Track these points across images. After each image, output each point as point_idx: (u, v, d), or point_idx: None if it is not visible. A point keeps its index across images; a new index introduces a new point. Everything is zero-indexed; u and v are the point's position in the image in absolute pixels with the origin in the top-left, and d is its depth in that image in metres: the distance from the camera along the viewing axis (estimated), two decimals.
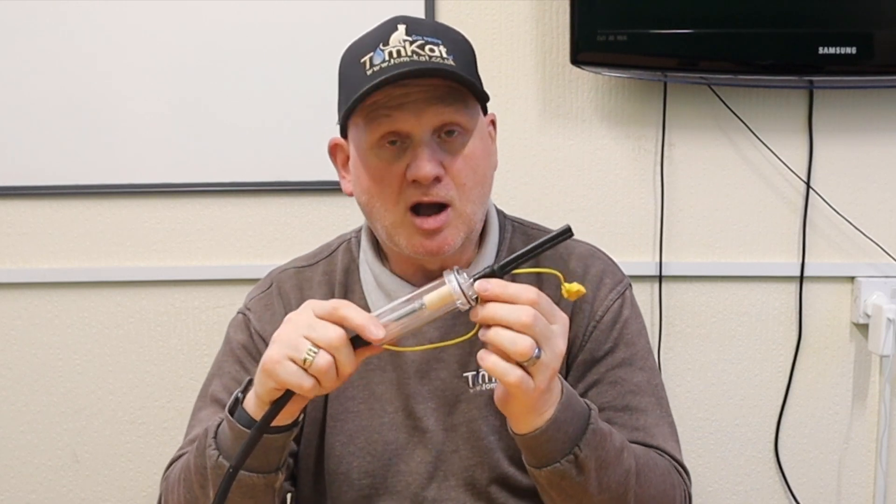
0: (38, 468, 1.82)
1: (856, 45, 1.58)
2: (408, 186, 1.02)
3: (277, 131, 1.71)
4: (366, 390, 1.13)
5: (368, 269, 1.14)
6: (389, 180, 1.02)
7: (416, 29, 1.00)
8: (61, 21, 1.69)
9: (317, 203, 1.75)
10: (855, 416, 1.81)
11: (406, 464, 1.12)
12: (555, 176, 1.75)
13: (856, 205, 1.75)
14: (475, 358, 1.09)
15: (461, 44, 1.05)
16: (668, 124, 1.73)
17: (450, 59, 0.99)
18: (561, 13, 1.69)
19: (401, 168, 1.02)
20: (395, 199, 1.03)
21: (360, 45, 1.04)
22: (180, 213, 1.75)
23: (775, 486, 1.83)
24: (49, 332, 1.78)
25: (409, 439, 1.12)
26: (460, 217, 1.04)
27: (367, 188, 1.05)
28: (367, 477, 1.13)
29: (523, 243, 1.16)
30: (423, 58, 0.98)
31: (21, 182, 1.73)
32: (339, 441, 1.13)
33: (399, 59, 0.98)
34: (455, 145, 1.03)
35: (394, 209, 1.03)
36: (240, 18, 1.69)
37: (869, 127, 1.74)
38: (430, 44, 0.99)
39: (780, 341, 1.79)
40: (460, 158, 1.03)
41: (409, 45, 0.99)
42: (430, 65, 0.98)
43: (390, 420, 1.13)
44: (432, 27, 1.03)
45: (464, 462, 1.12)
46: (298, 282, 1.17)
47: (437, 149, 1.02)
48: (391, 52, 0.98)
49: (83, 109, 1.71)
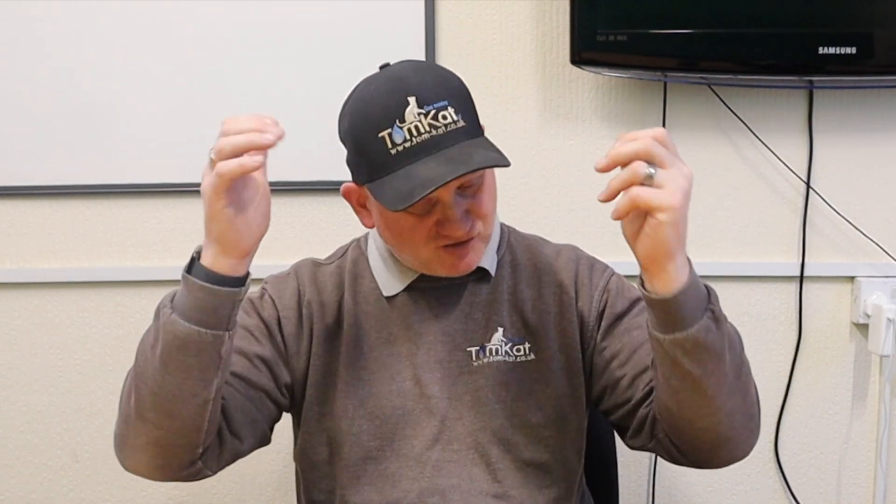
0: (38, 468, 1.82)
1: (856, 45, 1.58)
2: (438, 233, 1.12)
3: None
4: (377, 361, 1.21)
5: (378, 256, 1.24)
6: (419, 234, 1.13)
7: (425, 97, 1.07)
8: (61, 21, 1.69)
9: (317, 203, 1.75)
10: (855, 416, 1.81)
11: (412, 428, 1.20)
12: (555, 176, 1.75)
13: (856, 205, 1.75)
14: (478, 334, 1.21)
15: (459, 90, 1.12)
16: (668, 124, 1.73)
17: (460, 120, 1.08)
18: (561, 13, 1.69)
19: (429, 223, 1.12)
20: (425, 242, 1.14)
21: (373, 115, 1.09)
22: (180, 213, 1.75)
23: (775, 486, 1.83)
24: (49, 332, 1.79)
25: (415, 405, 1.20)
26: (483, 240, 1.17)
27: (393, 237, 1.16)
28: (375, 439, 1.20)
29: (520, 243, 1.29)
30: (440, 129, 1.07)
31: (21, 182, 1.73)
32: (352, 404, 1.21)
33: (420, 138, 1.06)
34: (474, 189, 1.13)
35: (424, 249, 1.14)
36: (240, 19, 1.69)
37: (869, 127, 1.74)
38: (441, 110, 1.07)
39: (780, 341, 1.80)
40: (479, 198, 1.13)
41: (424, 119, 1.07)
42: (447, 137, 1.07)
43: (398, 387, 1.20)
44: (436, 87, 1.09)
45: (467, 427, 1.20)
46: (313, 270, 1.26)
47: (461, 201, 1.11)
48: (410, 130, 1.06)
49: (83, 109, 1.71)
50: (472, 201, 1.12)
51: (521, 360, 1.22)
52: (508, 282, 1.24)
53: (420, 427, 1.20)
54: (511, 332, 1.22)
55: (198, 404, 1.02)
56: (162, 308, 1.02)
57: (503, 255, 1.25)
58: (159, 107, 1.71)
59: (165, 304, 1.02)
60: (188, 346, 0.99)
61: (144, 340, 1.05)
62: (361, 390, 1.21)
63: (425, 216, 1.11)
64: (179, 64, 1.70)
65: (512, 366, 1.21)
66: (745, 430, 1.09)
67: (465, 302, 1.22)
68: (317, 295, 1.23)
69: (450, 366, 1.21)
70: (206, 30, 1.69)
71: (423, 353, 1.21)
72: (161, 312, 1.01)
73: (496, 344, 1.21)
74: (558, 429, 1.22)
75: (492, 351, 1.21)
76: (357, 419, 1.20)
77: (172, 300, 1.02)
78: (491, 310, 1.22)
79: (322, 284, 1.24)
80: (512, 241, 1.28)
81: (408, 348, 1.21)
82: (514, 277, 1.24)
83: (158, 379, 1.01)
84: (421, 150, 1.06)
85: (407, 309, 1.22)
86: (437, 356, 1.21)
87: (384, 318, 1.22)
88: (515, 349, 1.22)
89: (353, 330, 1.22)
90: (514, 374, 1.21)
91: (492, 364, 1.21)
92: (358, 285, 1.24)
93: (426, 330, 1.22)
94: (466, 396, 1.20)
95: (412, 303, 1.22)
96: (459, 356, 1.21)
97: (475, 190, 1.12)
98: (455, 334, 1.21)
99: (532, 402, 1.21)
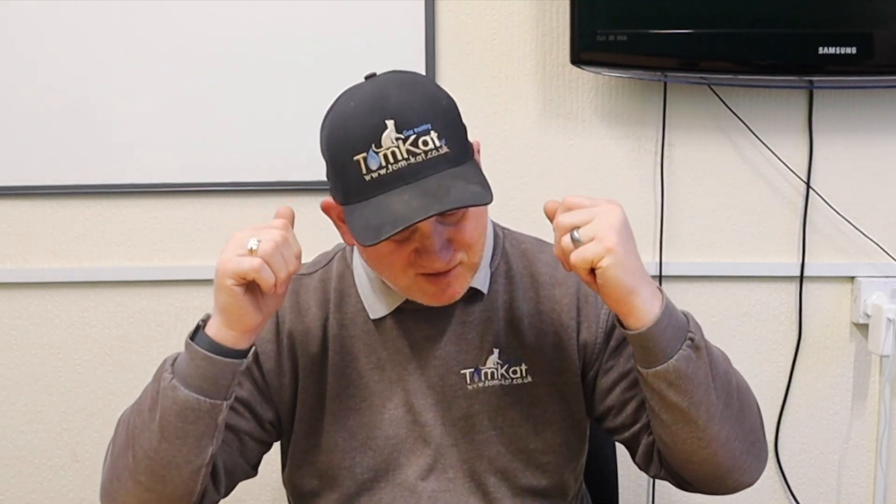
0: (38, 468, 1.82)
1: (856, 45, 1.57)
2: (416, 261, 1.05)
3: (277, 131, 1.71)
4: (367, 389, 1.16)
5: (364, 272, 1.17)
6: (397, 260, 1.06)
7: (405, 121, 0.99)
8: (61, 21, 1.69)
9: (317, 203, 1.73)
10: (855, 416, 1.81)
11: (406, 457, 1.15)
12: (555, 176, 1.75)
13: (856, 205, 1.75)
14: (471, 356, 1.15)
15: (447, 113, 1.04)
16: (668, 124, 1.73)
17: (443, 146, 1.00)
18: (561, 13, 1.69)
19: (408, 250, 1.05)
20: (404, 269, 1.06)
21: (350, 136, 1.01)
22: (180, 213, 1.75)
23: (775, 486, 1.83)
24: (49, 332, 1.79)
25: (409, 433, 1.15)
26: (470, 269, 1.09)
27: (374, 263, 1.10)
28: (369, 471, 1.16)
29: (515, 248, 1.21)
30: (419, 157, 0.99)
31: (21, 182, 1.73)
32: (342, 437, 1.16)
33: (396, 166, 0.98)
34: (456, 217, 1.05)
35: (403, 276, 1.07)
36: (240, 19, 1.69)
37: (869, 127, 1.74)
38: (422, 135, 0.99)
39: (780, 341, 1.80)
40: (462, 226, 1.05)
41: (402, 145, 0.99)
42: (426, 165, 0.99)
43: (391, 415, 1.15)
44: (419, 109, 1.00)
45: (462, 455, 1.15)
46: (295, 287, 1.19)
47: (442, 230, 1.04)
48: (386, 156, 0.99)
49: (83, 109, 1.71)
50: (455, 230, 1.05)
51: (518, 383, 1.16)
52: (503, 296, 1.17)
53: (414, 456, 1.15)
54: (507, 354, 1.16)
55: (191, 470, 1.02)
56: (163, 372, 1.02)
57: (497, 267, 1.18)
58: (159, 107, 1.71)
59: (167, 367, 1.02)
60: (186, 413, 1.00)
61: (141, 401, 1.05)
62: (352, 420, 1.16)
63: (404, 243, 1.04)
64: (179, 64, 1.70)
65: (508, 389, 1.16)
66: (747, 457, 1.07)
67: (457, 322, 1.15)
68: (299, 321, 1.17)
69: (443, 390, 1.15)
70: (206, 30, 1.69)
71: (415, 378, 1.15)
72: (161, 376, 1.02)
73: (491, 367, 1.16)
74: (557, 454, 1.18)
75: (487, 375, 1.16)
76: (349, 451, 1.16)
77: (174, 364, 1.02)
78: (485, 329, 1.16)
79: (305, 305, 1.18)
80: (507, 249, 1.21)
81: (398, 373, 1.15)
82: (509, 291, 1.18)
83: (154, 444, 1.01)
84: (396, 179, 0.98)
85: (396, 332, 1.15)
86: (429, 381, 1.15)
87: (372, 343, 1.16)
88: (511, 371, 1.16)
89: (340, 357, 1.16)
90: (511, 397, 1.16)
91: (487, 389, 1.15)
92: (344, 305, 1.17)
93: (417, 353, 1.15)
94: (461, 422, 1.15)
95: (401, 325, 1.15)
96: (453, 380, 1.15)
97: (458, 218, 1.04)
98: (448, 357, 1.15)
99: (529, 427, 1.16)
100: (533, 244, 1.23)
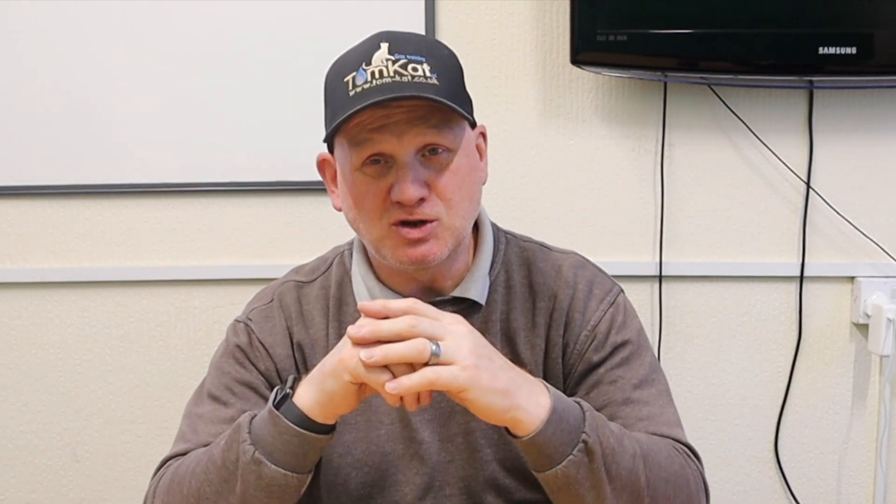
0: (38, 468, 1.82)
1: (856, 45, 1.58)
2: (392, 205, 1.02)
3: (277, 131, 1.71)
4: (363, 403, 1.11)
5: (361, 280, 1.14)
6: (373, 199, 1.03)
7: (400, 47, 0.99)
8: (61, 21, 1.69)
9: (317, 203, 1.75)
10: (855, 416, 1.81)
11: (403, 474, 1.12)
12: (555, 176, 1.75)
13: (856, 205, 1.75)
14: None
15: (446, 59, 1.04)
16: (668, 124, 1.73)
17: (433, 78, 0.99)
18: (561, 13, 1.69)
19: (384, 187, 1.02)
20: (378, 215, 1.03)
21: (344, 62, 1.03)
22: (180, 213, 1.75)
23: (775, 486, 1.83)
24: (49, 332, 1.79)
25: (405, 450, 1.12)
26: (448, 230, 1.04)
27: (352, 206, 1.06)
28: (364, 488, 1.13)
29: (518, 256, 1.17)
30: (405, 78, 0.98)
31: (21, 182, 1.73)
32: (337, 452, 1.13)
33: (381, 81, 0.97)
34: (440, 163, 1.03)
35: (378, 224, 1.04)
36: (239, 19, 1.69)
37: (869, 127, 1.74)
38: (413, 62, 0.99)
39: (780, 341, 1.80)
40: (445, 175, 1.03)
41: (391, 65, 0.98)
42: (410, 86, 0.98)
43: (387, 431, 1.13)
44: (416, 44, 1.01)
45: (459, 472, 1.13)
46: (298, 296, 1.17)
47: (420, 168, 1.02)
48: (373, 73, 0.98)
49: (83, 109, 1.71)
50: (435, 176, 1.02)
51: None
52: (501, 308, 1.13)
53: (410, 474, 1.12)
54: None
55: None
56: (240, 442, 0.96)
57: (497, 276, 1.14)
58: (159, 107, 1.71)
59: (243, 437, 0.96)
60: (273, 489, 0.96)
61: (209, 469, 1.00)
62: (347, 435, 1.12)
63: (380, 180, 1.01)
64: (179, 64, 1.70)
65: None
66: None
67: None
68: (305, 332, 1.14)
69: (440, 406, 1.11)
70: (206, 30, 1.69)
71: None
72: (240, 448, 0.96)
73: None
74: None
75: None
76: (343, 467, 1.13)
77: (250, 432, 0.96)
78: None
79: (309, 316, 1.15)
80: (509, 256, 1.16)
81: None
82: (507, 302, 1.14)
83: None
84: (376, 92, 0.96)
85: None
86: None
87: None
88: None
89: None
90: None
91: None
92: (342, 315, 1.14)
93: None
94: (458, 438, 1.12)
95: None
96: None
97: (440, 165, 1.02)
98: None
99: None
100: (536, 251, 1.18)
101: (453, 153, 1.04)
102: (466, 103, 1.06)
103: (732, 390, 1.80)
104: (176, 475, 1.05)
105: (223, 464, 0.98)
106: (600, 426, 0.96)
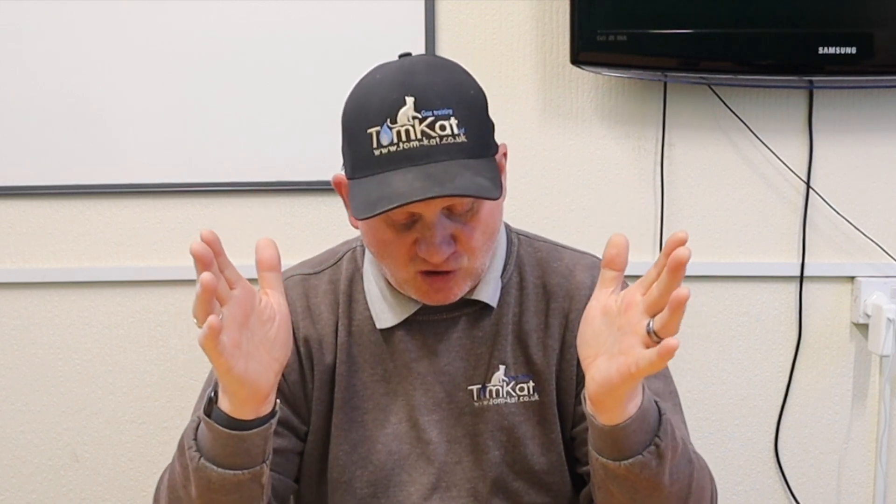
0: (38, 468, 1.82)
1: (856, 45, 1.58)
2: (417, 256, 1.01)
3: (277, 131, 1.71)
4: (371, 401, 1.13)
5: (373, 280, 1.13)
6: (398, 249, 1.02)
7: (426, 102, 0.96)
8: (61, 21, 1.69)
9: (317, 203, 1.75)
10: (855, 416, 1.81)
11: (409, 474, 1.12)
12: (555, 176, 1.75)
13: (856, 205, 1.75)
14: (479, 371, 1.11)
15: (472, 101, 1.01)
16: (668, 124, 1.73)
17: (461, 135, 0.96)
18: (561, 13, 1.69)
19: (409, 240, 1.01)
20: (404, 263, 1.02)
21: (366, 105, 0.99)
22: (180, 213, 1.75)
23: (775, 486, 1.83)
24: (49, 332, 1.79)
25: (412, 450, 1.12)
26: (470, 274, 1.05)
27: (374, 247, 1.05)
28: (369, 486, 1.12)
29: (531, 256, 1.16)
30: (433, 140, 0.95)
31: (21, 182, 1.73)
32: (343, 450, 1.13)
33: (408, 145, 0.95)
34: (466, 215, 1.01)
35: (403, 270, 1.03)
36: (240, 18, 1.69)
37: (869, 127, 1.74)
38: (441, 119, 0.96)
39: (780, 341, 1.80)
40: (471, 225, 1.01)
41: (417, 125, 0.95)
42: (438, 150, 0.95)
43: (394, 430, 1.12)
44: (442, 93, 0.97)
45: (466, 474, 1.12)
46: (304, 290, 1.15)
47: (447, 223, 1.00)
48: (399, 133, 0.95)
49: (83, 109, 1.71)
50: (461, 229, 1.00)
51: (525, 401, 1.12)
52: (514, 309, 1.13)
53: (417, 474, 1.12)
54: (514, 370, 1.12)
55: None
56: (187, 449, 0.95)
57: (509, 278, 1.14)
58: (159, 107, 1.71)
59: (190, 444, 0.95)
60: (226, 488, 0.94)
61: (172, 479, 0.99)
62: (354, 433, 1.12)
63: (405, 232, 1.00)
64: (179, 64, 1.70)
65: (514, 408, 1.12)
66: None
67: (465, 336, 1.11)
68: (313, 328, 1.13)
69: (449, 407, 1.11)
70: (206, 30, 1.69)
71: (421, 393, 1.11)
72: (188, 454, 0.95)
73: (497, 384, 1.11)
74: (561, 474, 1.14)
75: (492, 392, 1.11)
76: (350, 466, 1.12)
77: (195, 437, 0.95)
78: (494, 345, 1.12)
79: (316, 310, 1.14)
80: (522, 257, 1.15)
81: (403, 387, 1.12)
82: (520, 304, 1.13)
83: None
84: (405, 159, 0.95)
85: (403, 344, 1.11)
86: (435, 397, 1.11)
87: (378, 354, 1.12)
88: (518, 388, 1.12)
89: (346, 366, 1.12)
90: (517, 416, 1.12)
91: (492, 407, 1.11)
92: (352, 312, 1.13)
93: (424, 368, 1.11)
94: (466, 440, 1.12)
95: (409, 337, 1.11)
96: (460, 396, 1.11)
97: (467, 218, 1.00)
98: (455, 373, 1.11)
99: (535, 447, 1.12)
100: (549, 252, 1.17)
101: (480, 202, 1.02)
102: (490, 136, 1.03)
103: (732, 390, 1.80)
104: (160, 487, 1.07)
105: (182, 469, 0.98)
106: (672, 431, 0.95)
